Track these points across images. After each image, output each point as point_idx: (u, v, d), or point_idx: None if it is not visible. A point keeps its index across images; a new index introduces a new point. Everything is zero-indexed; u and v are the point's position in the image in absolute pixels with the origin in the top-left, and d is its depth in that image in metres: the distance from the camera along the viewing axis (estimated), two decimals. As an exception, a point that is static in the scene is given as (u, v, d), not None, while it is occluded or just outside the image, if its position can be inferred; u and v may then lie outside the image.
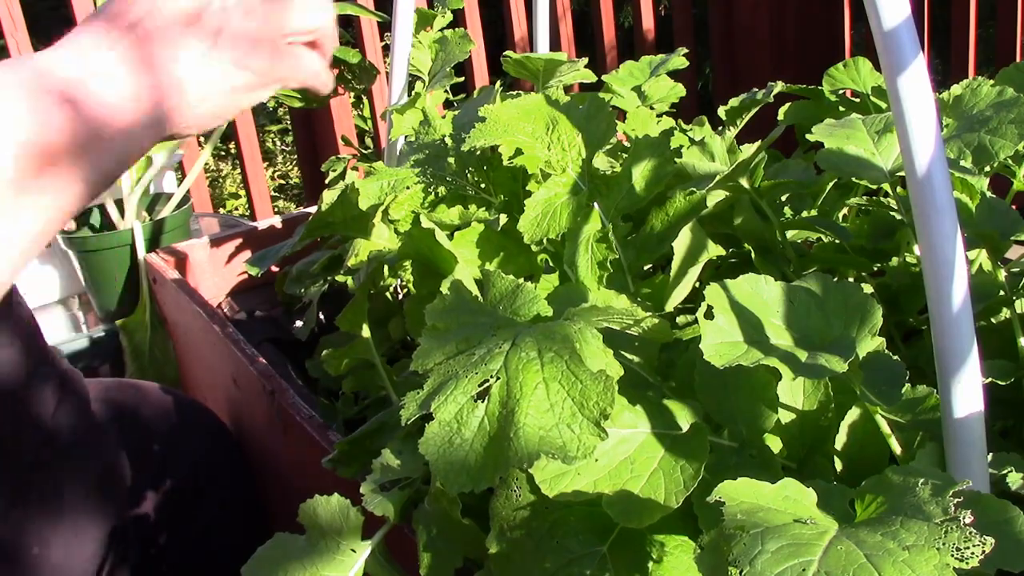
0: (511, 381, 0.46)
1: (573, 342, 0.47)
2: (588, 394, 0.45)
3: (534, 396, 0.45)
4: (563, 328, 0.48)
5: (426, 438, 0.46)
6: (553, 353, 0.46)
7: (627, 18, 2.41)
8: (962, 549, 0.36)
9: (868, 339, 0.50)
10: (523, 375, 0.46)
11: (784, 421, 0.55)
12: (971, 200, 0.64)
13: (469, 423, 0.46)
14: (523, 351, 0.47)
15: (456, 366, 0.48)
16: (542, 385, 0.46)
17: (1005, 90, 0.65)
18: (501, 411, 0.45)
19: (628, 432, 0.51)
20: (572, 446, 0.44)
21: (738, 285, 0.53)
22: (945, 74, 1.83)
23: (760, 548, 0.37)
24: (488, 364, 0.47)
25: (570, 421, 0.45)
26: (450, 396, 0.46)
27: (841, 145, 0.67)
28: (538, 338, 0.47)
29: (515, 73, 0.94)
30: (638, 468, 0.49)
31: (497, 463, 0.44)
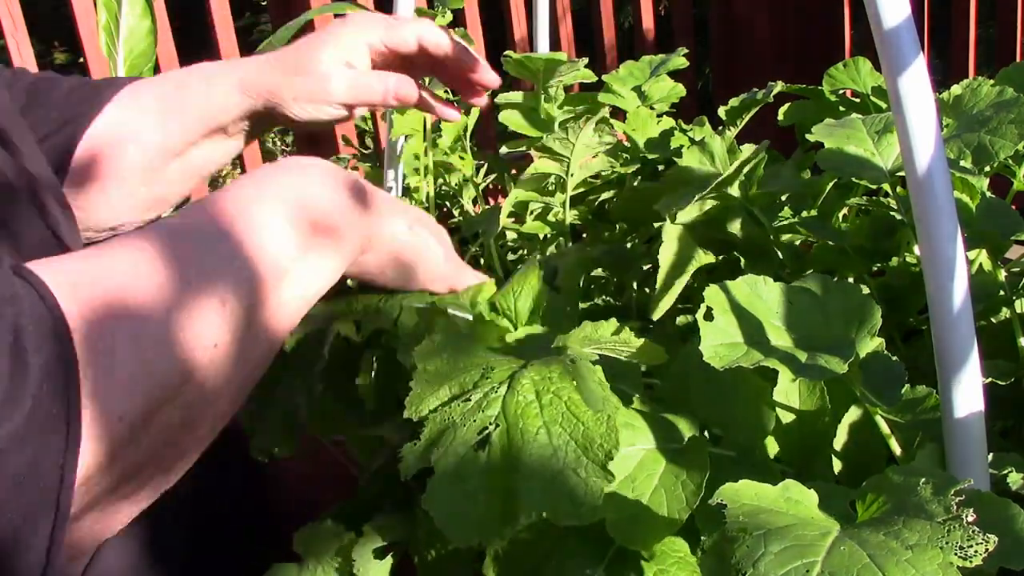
0: (511, 427, 0.45)
1: (571, 380, 0.45)
2: (592, 436, 0.44)
3: (536, 442, 0.44)
4: (559, 366, 0.47)
5: (430, 493, 0.44)
6: (551, 395, 0.45)
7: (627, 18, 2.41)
8: (965, 547, 0.36)
9: (868, 340, 0.50)
10: (523, 420, 0.45)
11: (782, 425, 0.55)
12: (971, 200, 0.64)
13: (472, 475, 0.44)
14: (520, 394, 0.46)
15: (452, 413, 0.46)
16: (543, 430, 0.45)
17: (1005, 90, 0.65)
18: (504, 460, 0.44)
19: (626, 450, 0.50)
20: (580, 491, 0.43)
21: (737, 286, 0.53)
22: (945, 74, 1.83)
23: (763, 550, 0.37)
24: (486, 410, 0.46)
25: (575, 466, 0.44)
26: (450, 447, 0.45)
27: (841, 145, 0.67)
28: (535, 379, 0.46)
29: (515, 73, 0.94)
30: (639, 487, 0.48)
31: (505, 515, 0.43)
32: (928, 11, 1.81)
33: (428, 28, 0.74)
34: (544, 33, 1.08)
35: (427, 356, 0.50)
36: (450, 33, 0.75)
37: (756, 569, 0.36)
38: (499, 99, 0.97)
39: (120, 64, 1.20)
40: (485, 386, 0.47)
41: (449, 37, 0.74)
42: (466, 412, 0.46)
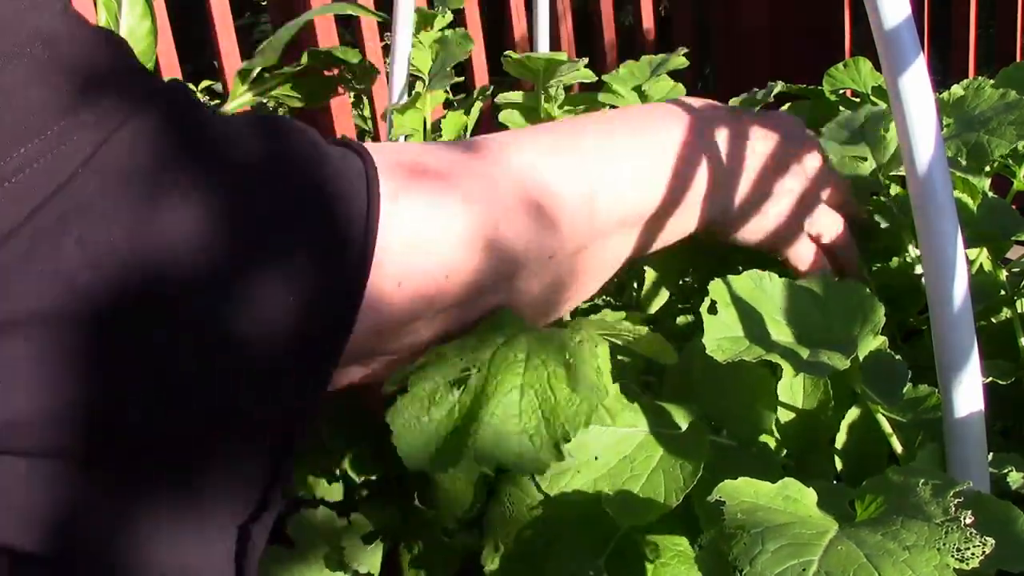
0: (489, 376, 0.45)
1: (567, 355, 0.46)
2: (558, 412, 0.44)
3: (506, 398, 0.45)
4: (561, 337, 0.47)
5: (395, 407, 0.45)
6: (540, 361, 0.46)
7: (627, 18, 2.40)
8: (963, 549, 0.36)
9: (870, 338, 0.51)
10: (503, 374, 0.45)
11: (784, 420, 0.55)
12: (972, 200, 0.64)
13: (439, 406, 0.45)
14: (512, 350, 0.46)
15: (447, 349, 0.48)
16: (517, 390, 0.45)
17: (1008, 93, 0.65)
18: (472, 403, 0.45)
19: (627, 431, 0.50)
20: (528, 458, 0.44)
21: (741, 281, 0.53)
22: (945, 74, 1.83)
23: (760, 548, 0.37)
24: (476, 352, 0.47)
25: (532, 433, 0.44)
26: (429, 374, 0.46)
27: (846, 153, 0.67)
28: (531, 341, 0.47)
29: (515, 73, 0.94)
30: (638, 467, 0.49)
31: (455, 454, 0.44)
32: (928, 11, 1.81)
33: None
34: (544, 33, 1.08)
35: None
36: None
37: (753, 567, 0.36)
38: (499, 99, 0.97)
39: (120, 64, 1.20)
40: (488, 335, 0.48)
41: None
42: (459, 349, 0.47)
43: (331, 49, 1.25)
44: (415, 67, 0.97)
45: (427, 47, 1.00)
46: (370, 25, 1.73)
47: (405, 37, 0.90)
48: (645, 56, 1.01)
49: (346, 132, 1.73)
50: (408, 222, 0.44)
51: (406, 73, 0.93)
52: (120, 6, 1.20)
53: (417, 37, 0.96)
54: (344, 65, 1.27)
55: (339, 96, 1.62)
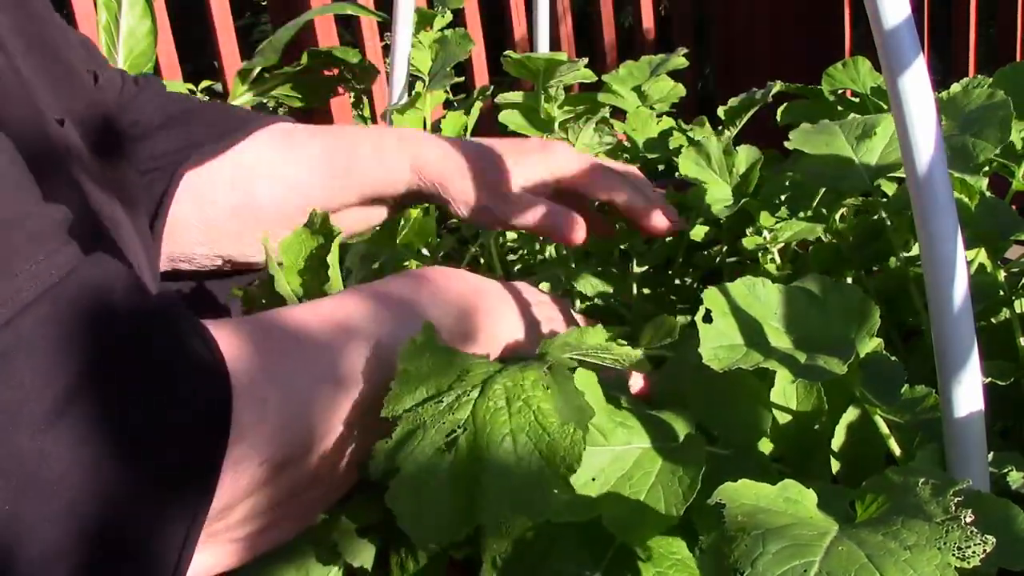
0: (479, 433, 0.45)
1: (543, 388, 0.46)
2: (555, 447, 0.44)
3: (501, 448, 0.44)
4: (533, 372, 0.47)
5: (392, 492, 0.45)
6: (522, 402, 0.45)
7: (627, 18, 2.40)
8: (963, 548, 0.36)
9: (867, 340, 0.50)
10: (491, 427, 0.45)
11: (778, 426, 0.55)
12: (970, 200, 0.64)
13: (437, 476, 0.44)
14: (491, 399, 0.46)
15: (424, 414, 0.46)
16: (509, 437, 0.44)
17: (995, 92, 0.65)
18: (469, 464, 0.44)
19: (622, 449, 0.50)
20: (539, 502, 0.43)
21: (735, 288, 0.53)
22: (945, 74, 1.83)
23: (761, 550, 0.37)
24: (456, 413, 0.46)
25: (538, 476, 0.44)
26: (417, 448, 0.45)
27: (819, 151, 0.67)
28: (507, 385, 0.46)
29: (515, 73, 0.94)
30: (636, 484, 0.48)
31: (465, 518, 0.43)
32: (928, 11, 1.81)
33: (603, 176, 0.74)
34: (544, 33, 1.08)
35: (410, 357, 0.49)
36: (624, 174, 0.74)
37: (754, 569, 0.36)
38: (499, 99, 0.97)
39: (120, 64, 1.20)
40: (459, 388, 0.47)
41: (623, 183, 0.74)
42: (436, 414, 0.46)
43: (331, 49, 1.25)
44: (415, 67, 0.97)
45: (427, 47, 1.00)
46: (370, 25, 1.73)
47: (405, 37, 0.90)
48: (645, 56, 1.02)
49: (346, 132, 1.73)
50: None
51: (406, 73, 0.93)
52: (120, 6, 1.20)
53: (417, 37, 0.96)
54: (344, 65, 1.27)
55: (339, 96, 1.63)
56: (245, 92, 1.26)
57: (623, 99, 0.96)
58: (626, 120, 0.93)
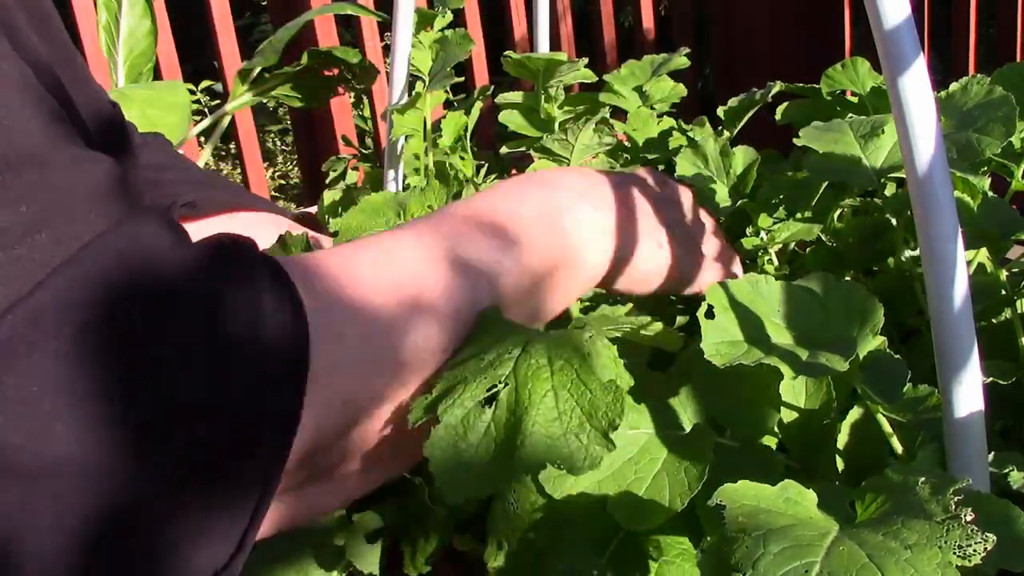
0: (520, 388, 0.45)
1: (584, 351, 0.46)
2: (597, 404, 0.44)
3: (543, 404, 0.45)
4: (575, 336, 0.47)
5: (431, 442, 0.45)
6: (563, 361, 0.46)
7: (627, 18, 2.40)
8: (964, 547, 0.36)
9: (870, 338, 0.51)
10: (532, 382, 0.45)
11: (787, 420, 0.55)
12: (972, 199, 0.64)
13: (475, 428, 0.45)
14: (533, 358, 0.46)
15: (465, 371, 0.47)
16: (551, 393, 0.45)
17: (994, 89, 0.65)
18: (509, 418, 0.45)
19: (632, 432, 0.50)
20: (579, 456, 0.43)
21: (738, 284, 0.53)
22: (945, 74, 1.83)
23: (762, 550, 0.37)
24: (497, 369, 0.46)
25: (578, 431, 0.44)
26: (457, 400, 0.45)
27: (828, 149, 0.68)
28: (549, 345, 0.47)
29: (515, 73, 0.94)
30: (642, 469, 0.48)
31: (503, 471, 0.44)
32: (928, 11, 1.81)
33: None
34: (544, 33, 1.08)
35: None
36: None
37: (755, 569, 0.36)
38: (499, 99, 0.97)
39: (120, 64, 1.20)
40: (500, 347, 0.47)
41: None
42: (478, 370, 0.46)
43: (331, 49, 1.25)
44: (415, 67, 0.97)
45: (427, 47, 1.00)
46: (370, 25, 1.73)
47: (405, 37, 0.90)
48: (646, 56, 1.02)
49: (346, 132, 1.73)
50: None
51: (406, 73, 0.93)
52: (120, 6, 1.20)
53: (417, 37, 0.96)
54: (344, 65, 1.27)
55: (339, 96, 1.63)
56: (245, 92, 1.26)
57: (624, 99, 0.96)
58: (626, 120, 0.93)
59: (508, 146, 0.99)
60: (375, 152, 1.40)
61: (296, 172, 3.50)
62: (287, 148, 3.68)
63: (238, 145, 1.72)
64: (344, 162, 1.34)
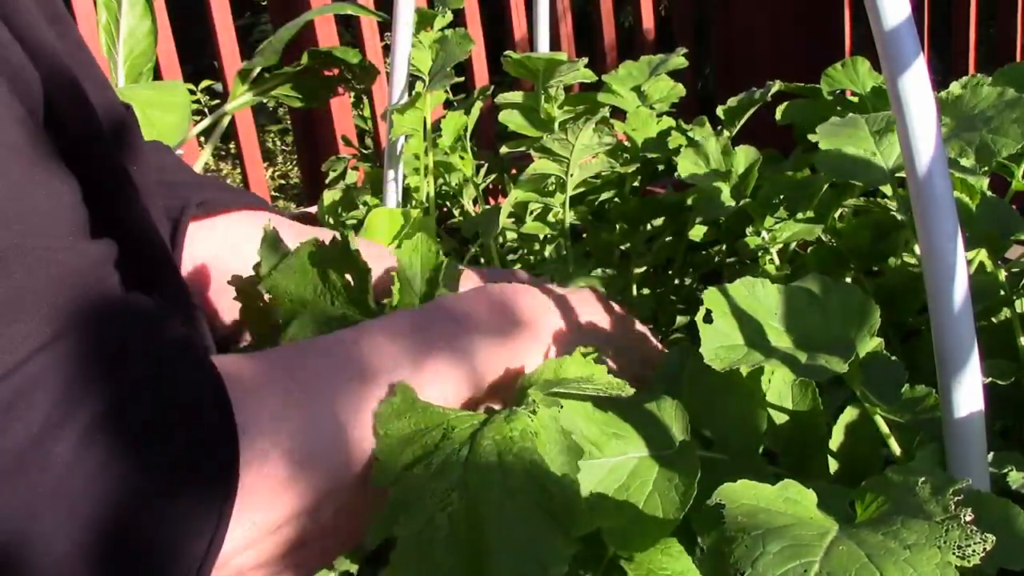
0: (474, 496, 0.43)
1: (533, 437, 0.44)
2: (556, 502, 0.43)
3: (501, 511, 0.43)
4: (520, 422, 0.45)
5: (395, 561, 0.43)
6: (514, 456, 0.44)
7: (627, 18, 2.41)
8: (963, 547, 0.36)
9: (867, 339, 0.50)
10: (486, 489, 0.43)
11: (775, 427, 0.54)
12: (971, 200, 0.64)
13: (436, 547, 0.43)
14: (482, 457, 0.44)
15: (415, 480, 0.45)
16: (509, 499, 0.43)
17: (1006, 90, 0.65)
18: (468, 529, 0.43)
19: (617, 460, 0.49)
20: (550, 557, 0.42)
21: (735, 289, 0.53)
22: (945, 74, 1.83)
23: (762, 550, 0.37)
24: (449, 476, 0.44)
25: (542, 533, 0.42)
26: (412, 515, 0.43)
27: (842, 146, 0.67)
28: (496, 440, 0.45)
29: (515, 73, 0.94)
30: (633, 494, 0.47)
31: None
32: (928, 11, 1.81)
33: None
34: (544, 33, 1.08)
35: (388, 420, 0.47)
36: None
37: (755, 569, 0.36)
38: (499, 99, 0.97)
39: (120, 64, 1.20)
40: (447, 447, 0.45)
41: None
42: (429, 478, 0.44)
43: (331, 49, 1.25)
44: (415, 67, 0.97)
45: (427, 47, 1.00)
46: (370, 25, 1.73)
47: (405, 37, 0.90)
48: (645, 56, 1.02)
49: (346, 132, 1.73)
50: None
51: (406, 73, 0.93)
52: (120, 6, 1.20)
53: (417, 37, 0.96)
54: (344, 65, 1.27)
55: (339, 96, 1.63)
56: (245, 92, 1.26)
57: (623, 99, 0.96)
58: (626, 120, 0.93)
59: (508, 146, 0.99)
60: (375, 152, 1.40)
61: (296, 172, 3.50)
62: (287, 148, 3.68)
63: (238, 145, 1.72)
64: (344, 162, 1.34)
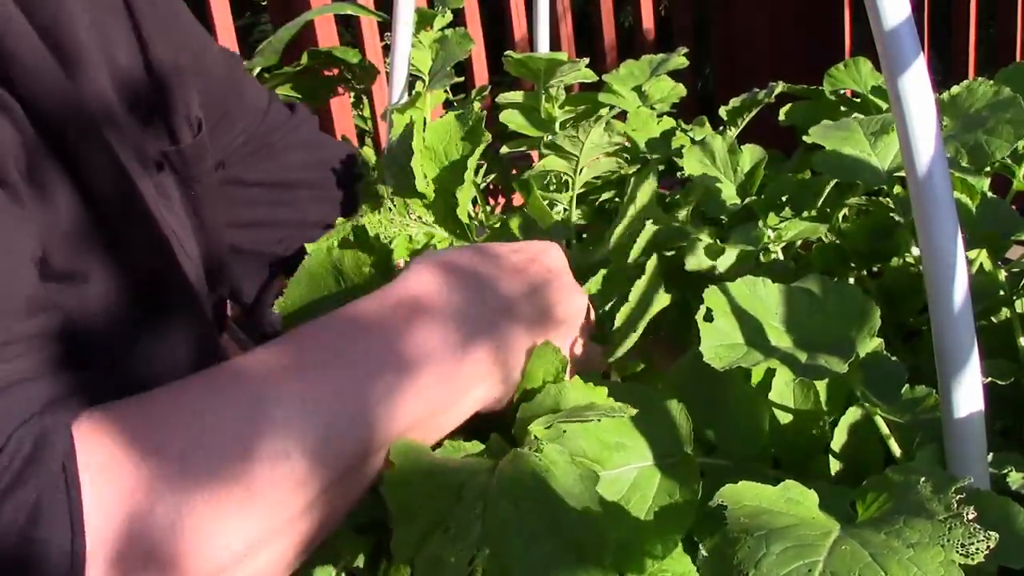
0: (499, 550, 0.42)
1: (546, 479, 0.44)
2: (582, 540, 0.42)
3: (527, 558, 0.42)
4: (529, 464, 0.45)
5: None
6: (531, 503, 0.43)
7: (627, 18, 2.41)
8: (967, 545, 0.36)
9: (867, 340, 0.51)
10: (508, 541, 0.42)
11: (777, 428, 0.54)
12: (971, 200, 0.64)
13: None
14: (500, 511, 0.43)
15: (436, 549, 0.44)
16: (532, 544, 0.42)
17: (1002, 90, 0.65)
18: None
19: (618, 472, 0.49)
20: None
21: (736, 288, 0.53)
22: (945, 74, 1.83)
23: (765, 550, 0.37)
24: (467, 538, 0.43)
25: (575, 571, 0.42)
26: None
27: (838, 147, 0.67)
28: (508, 486, 0.44)
29: (516, 73, 0.94)
30: (635, 506, 0.47)
31: None
32: (928, 11, 1.81)
33: None
34: (544, 33, 1.08)
35: (396, 490, 0.47)
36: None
37: (758, 569, 0.36)
38: (499, 99, 0.97)
39: (120, 64, 1.20)
40: (460, 511, 0.45)
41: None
42: (448, 544, 0.44)
43: (331, 49, 1.25)
44: (415, 67, 0.97)
45: (427, 47, 1.00)
46: (370, 25, 1.72)
47: (405, 37, 0.90)
48: (645, 56, 1.02)
49: (346, 132, 1.73)
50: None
51: (406, 73, 0.93)
52: (120, 6, 1.20)
53: (417, 37, 0.96)
54: (344, 65, 1.27)
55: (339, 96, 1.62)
56: (245, 92, 1.26)
57: (623, 99, 0.96)
58: (626, 120, 0.93)
59: (508, 146, 0.99)
60: (375, 152, 1.40)
61: (296, 172, 3.49)
62: (287, 148, 3.67)
63: (238, 145, 1.71)
64: (344, 162, 1.33)
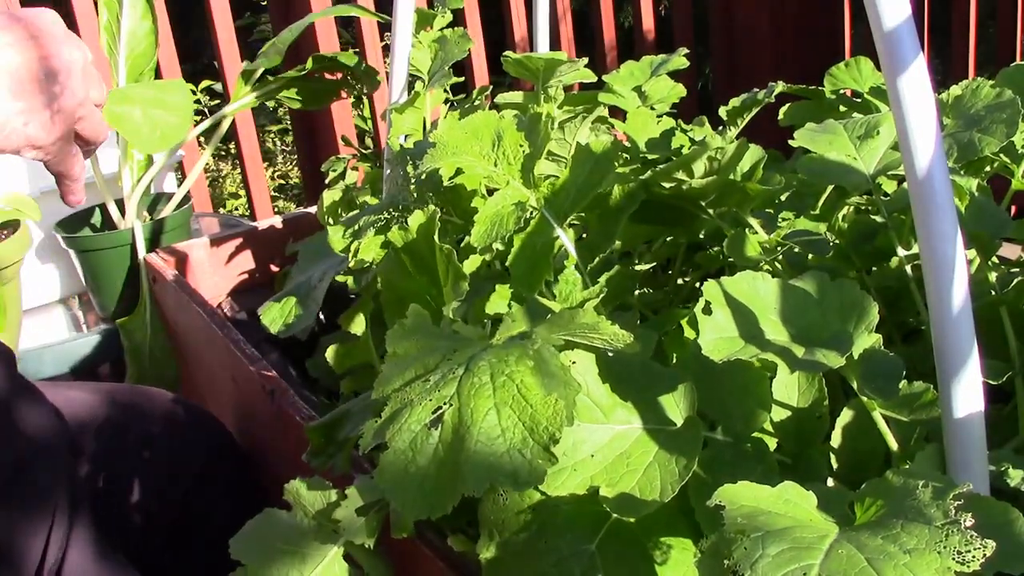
0: (463, 407, 0.46)
1: (528, 363, 0.46)
2: (538, 418, 0.45)
3: (485, 422, 0.45)
4: (518, 349, 0.47)
5: (381, 467, 0.46)
6: (505, 377, 0.46)
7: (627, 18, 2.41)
8: (963, 552, 0.36)
9: (865, 335, 0.51)
10: (475, 401, 0.46)
11: (779, 417, 0.55)
12: (960, 201, 0.64)
13: (423, 451, 0.45)
14: (476, 375, 0.47)
15: (411, 393, 0.47)
16: (493, 411, 0.45)
17: (1003, 91, 0.65)
18: (454, 438, 0.45)
19: (623, 428, 0.51)
20: (523, 472, 0.44)
21: (735, 282, 0.54)
22: (945, 74, 1.83)
23: (761, 552, 0.37)
24: (442, 390, 0.47)
25: (520, 446, 0.44)
26: (404, 424, 0.46)
27: (823, 150, 0.68)
28: (492, 361, 0.47)
29: (515, 73, 0.94)
30: (634, 462, 0.49)
31: (451, 490, 0.44)
32: (928, 11, 1.81)
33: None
34: (544, 33, 1.08)
35: (398, 339, 0.51)
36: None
37: (754, 571, 0.36)
38: (499, 99, 0.97)
39: (121, 64, 1.20)
40: (444, 367, 0.48)
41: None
42: (423, 392, 0.47)
43: (336, 55, 1.25)
44: (415, 67, 0.97)
45: (427, 47, 1.00)
46: (370, 25, 1.73)
47: (405, 37, 0.90)
48: (646, 56, 1.01)
49: (346, 132, 1.73)
50: None
51: (406, 73, 0.93)
52: (121, 7, 1.20)
53: (417, 37, 0.96)
54: (348, 70, 1.27)
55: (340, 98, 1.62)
56: (248, 93, 1.26)
57: (623, 99, 0.96)
58: (626, 120, 0.92)
59: (508, 146, 0.99)
60: (375, 152, 1.40)
61: (296, 172, 3.50)
62: (287, 148, 3.68)
63: (238, 145, 1.72)
64: (344, 162, 1.34)
